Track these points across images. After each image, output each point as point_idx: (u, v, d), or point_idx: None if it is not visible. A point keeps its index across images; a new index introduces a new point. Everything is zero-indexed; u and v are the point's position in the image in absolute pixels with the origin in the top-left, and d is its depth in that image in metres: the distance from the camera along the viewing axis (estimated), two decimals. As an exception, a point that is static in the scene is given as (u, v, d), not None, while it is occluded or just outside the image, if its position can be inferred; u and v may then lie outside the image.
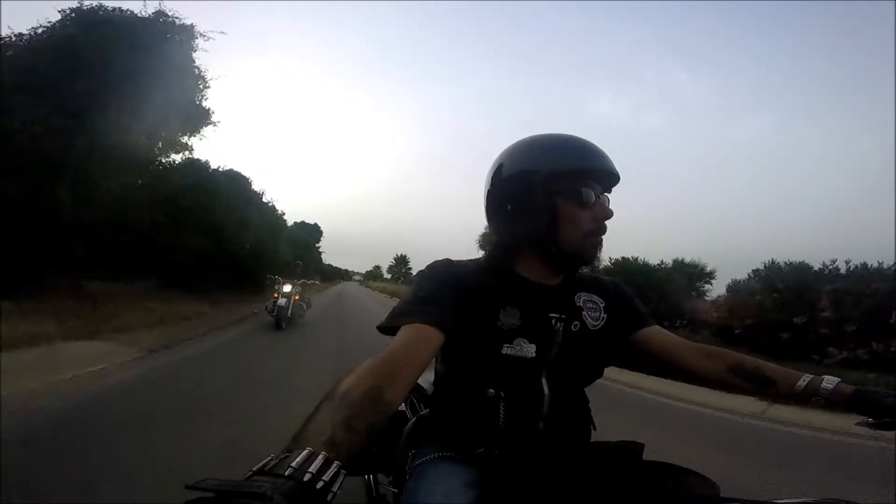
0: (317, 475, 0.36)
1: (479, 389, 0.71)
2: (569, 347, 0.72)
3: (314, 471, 0.36)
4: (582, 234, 0.71)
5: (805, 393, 0.68)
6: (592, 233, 0.71)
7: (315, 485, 0.35)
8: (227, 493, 0.32)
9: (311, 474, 0.35)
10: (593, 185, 0.71)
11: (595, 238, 0.72)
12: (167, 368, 4.12)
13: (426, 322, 0.64)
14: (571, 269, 0.77)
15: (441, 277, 0.72)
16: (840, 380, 0.68)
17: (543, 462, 0.69)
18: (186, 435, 2.38)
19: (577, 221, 0.70)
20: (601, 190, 0.73)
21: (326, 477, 0.36)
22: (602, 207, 0.72)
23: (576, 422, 0.76)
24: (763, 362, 0.75)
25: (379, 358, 0.57)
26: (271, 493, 0.32)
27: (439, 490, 0.63)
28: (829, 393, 0.67)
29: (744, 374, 0.74)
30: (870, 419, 0.64)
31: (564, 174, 0.70)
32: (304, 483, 0.35)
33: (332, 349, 5.81)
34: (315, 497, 0.35)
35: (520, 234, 0.73)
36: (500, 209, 0.75)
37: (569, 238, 0.71)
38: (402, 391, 0.55)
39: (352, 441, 0.43)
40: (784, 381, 0.71)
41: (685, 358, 0.78)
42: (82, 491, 1.74)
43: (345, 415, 0.46)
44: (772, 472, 2.40)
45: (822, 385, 0.67)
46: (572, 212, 0.70)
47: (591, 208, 0.71)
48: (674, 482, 0.63)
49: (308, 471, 0.36)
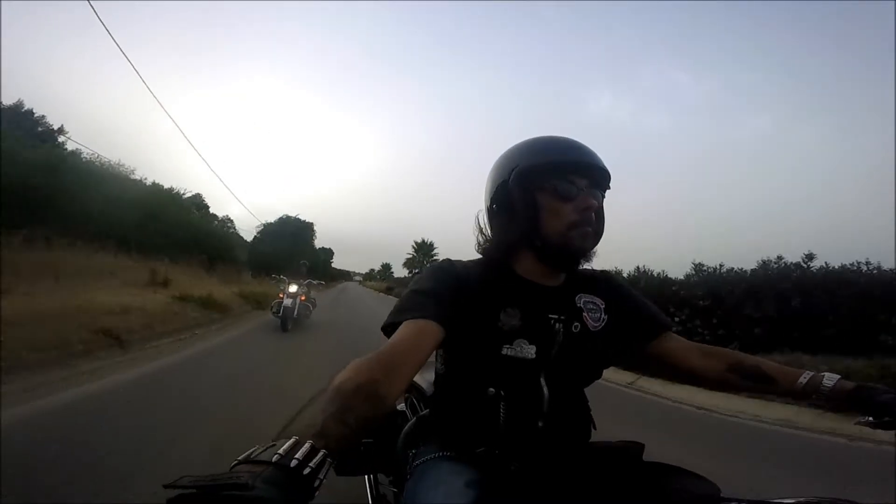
0: (303, 462, 0.36)
1: (479, 389, 0.71)
2: (569, 349, 0.72)
3: (300, 457, 0.36)
4: (565, 225, 0.70)
5: (806, 390, 0.68)
6: (575, 224, 0.70)
7: (301, 471, 0.35)
8: (205, 487, 0.31)
9: (297, 461, 0.36)
10: (576, 179, 0.72)
11: (580, 229, 0.71)
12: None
13: (424, 318, 0.64)
14: (565, 264, 0.76)
15: (440, 276, 0.72)
16: (840, 377, 0.67)
17: (543, 461, 0.69)
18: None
19: (559, 214, 0.71)
20: (588, 184, 0.72)
21: (313, 464, 0.36)
22: (583, 199, 0.71)
23: (576, 421, 0.76)
24: (763, 360, 0.75)
25: (376, 353, 0.57)
26: (252, 482, 0.32)
27: (440, 490, 0.63)
28: (829, 390, 0.67)
29: (743, 372, 0.74)
30: (869, 417, 0.64)
31: (542, 169, 0.72)
32: (290, 469, 0.35)
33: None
34: (301, 483, 0.35)
35: (507, 232, 0.75)
36: (490, 210, 0.79)
37: (552, 230, 0.71)
38: (398, 386, 0.56)
39: (342, 433, 0.43)
40: (784, 378, 0.71)
41: (688, 359, 0.79)
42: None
43: (336, 407, 0.46)
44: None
45: (823, 382, 0.67)
46: (553, 205, 0.71)
47: (573, 201, 0.71)
48: (674, 483, 0.63)
49: (294, 457, 0.36)
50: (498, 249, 0.77)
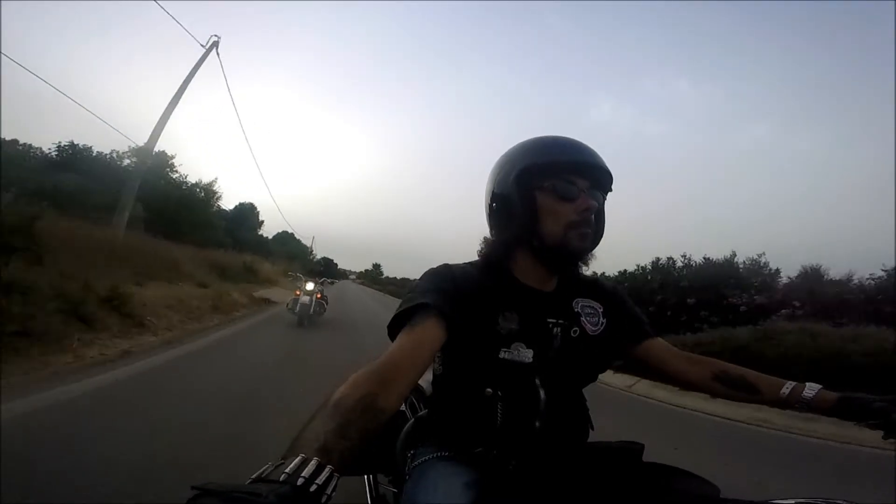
0: (310, 479, 0.37)
1: (477, 390, 0.71)
2: (567, 353, 0.73)
3: (307, 475, 0.37)
4: (563, 225, 0.71)
5: (788, 400, 0.70)
6: (574, 224, 0.71)
7: (308, 488, 0.37)
8: (227, 494, 0.33)
9: (304, 478, 0.37)
10: (576, 179, 0.72)
11: (579, 230, 0.71)
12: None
13: (424, 322, 0.64)
14: (561, 264, 0.76)
15: (437, 281, 0.72)
16: (821, 387, 0.69)
17: (542, 461, 0.69)
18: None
19: (558, 214, 0.71)
20: (588, 185, 0.73)
21: (320, 480, 0.38)
22: (583, 200, 0.71)
23: (573, 422, 0.76)
24: (747, 370, 0.77)
25: (374, 365, 0.57)
26: (267, 495, 0.33)
27: (439, 490, 0.63)
28: (810, 400, 0.69)
29: (728, 381, 0.76)
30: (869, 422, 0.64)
31: (542, 169, 0.72)
32: (298, 487, 0.36)
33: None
34: (309, 500, 0.36)
35: (506, 232, 0.76)
36: (490, 209, 0.79)
37: (549, 230, 0.71)
38: (397, 397, 0.56)
39: (345, 447, 0.44)
40: (768, 387, 0.73)
41: (675, 366, 0.80)
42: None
43: (337, 422, 0.47)
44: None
45: (804, 392, 0.69)
46: (551, 205, 0.71)
47: (573, 201, 0.71)
48: (673, 483, 0.64)
49: (301, 475, 0.37)
50: (497, 249, 0.77)
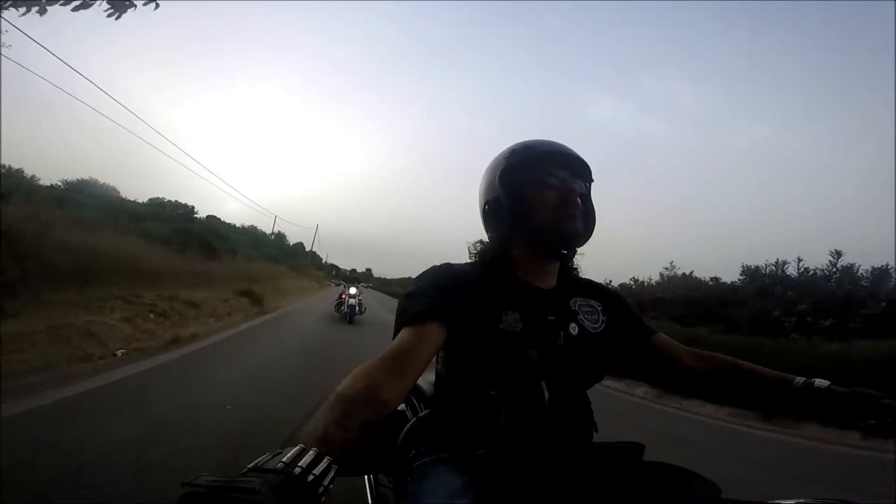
0: (307, 469, 0.37)
1: (480, 391, 0.71)
2: (570, 351, 0.73)
3: (304, 465, 0.37)
4: (551, 210, 0.75)
5: (802, 390, 0.69)
6: (560, 206, 0.75)
7: (305, 478, 0.37)
8: (218, 488, 0.33)
9: (301, 468, 0.37)
10: (556, 171, 0.77)
11: (566, 211, 0.75)
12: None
13: (426, 320, 0.65)
14: (557, 249, 0.79)
15: (439, 279, 0.73)
16: (830, 382, 0.68)
17: (544, 463, 0.69)
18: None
19: (545, 201, 0.75)
20: (569, 175, 0.77)
21: (317, 471, 0.38)
22: (565, 184, 0.75)
23: (577, 423, 0.76)
24: (756, 366, 0.76)
25: (377, 359, 0.58)
26: (260, 488, 0.33)
27: (440, 491, 0.63)
28: (823, 391, 0.67)
29: (738, 377, 0.76)
30: (871, 421, 0.64)
31: (525, 164, 0.77)
32: (295, 476, 0.36)
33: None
34: (305, 489, 0.36)
35: (501, 226, 0.79)
36: (484, 211, 0.84)
37: (540, 217, 0.75)
38: (401, 390, 0.57)
39: (344, 438, 0.45)
40: (779, 381, 0.72)
41: (683, 363, 0.80)
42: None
43: (338, 413, 0.47)
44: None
45: (815, 387, 0.68)
46: (538, 194, 0.76)
47: (556, 188, 0.76)
48: (674, 483, 0.63)
49: (298, 465, 0.37)
50: (494, 245, 0.81)
